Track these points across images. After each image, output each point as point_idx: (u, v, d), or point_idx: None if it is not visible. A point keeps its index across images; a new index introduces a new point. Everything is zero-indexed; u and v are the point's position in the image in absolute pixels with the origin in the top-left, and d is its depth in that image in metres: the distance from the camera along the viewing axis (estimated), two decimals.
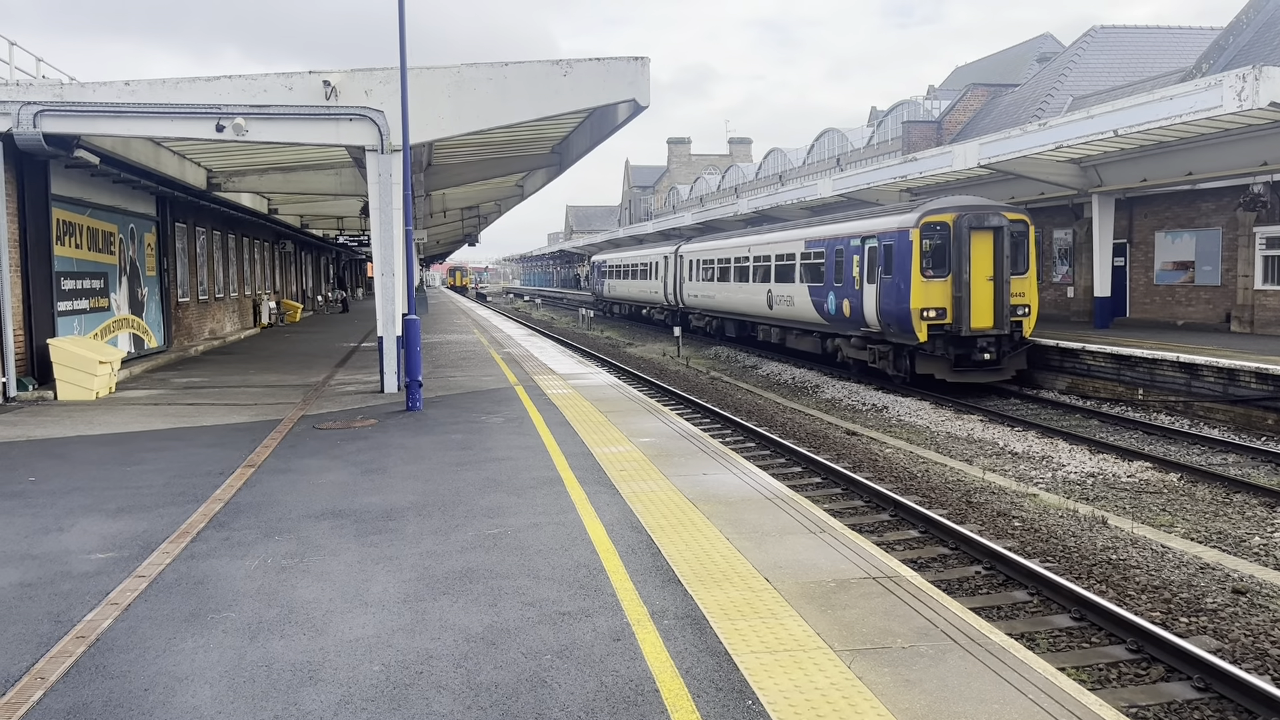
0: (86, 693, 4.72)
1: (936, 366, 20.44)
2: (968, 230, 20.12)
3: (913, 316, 20.29)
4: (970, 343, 20.23)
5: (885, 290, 21.22)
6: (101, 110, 14.21)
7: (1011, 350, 20.58)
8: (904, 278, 20.48)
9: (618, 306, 56.05)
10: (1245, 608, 8.05)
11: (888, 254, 21.16)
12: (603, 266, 59.46)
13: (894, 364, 21.63)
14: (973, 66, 65.47)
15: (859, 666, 4.94)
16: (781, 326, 28.52)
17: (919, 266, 20.28)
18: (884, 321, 21.40)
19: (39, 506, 8.40)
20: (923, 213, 20.45)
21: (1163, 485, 12.63)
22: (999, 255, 20.27)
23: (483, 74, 14.66)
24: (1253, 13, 32.66)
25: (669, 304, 42.22)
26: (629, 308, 52.75)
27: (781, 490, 8.81)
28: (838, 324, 24.03)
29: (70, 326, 16.67)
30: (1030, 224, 20.99)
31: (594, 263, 64.96)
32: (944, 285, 20.32)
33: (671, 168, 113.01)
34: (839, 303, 23.56)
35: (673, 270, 40.77)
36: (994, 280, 20.23)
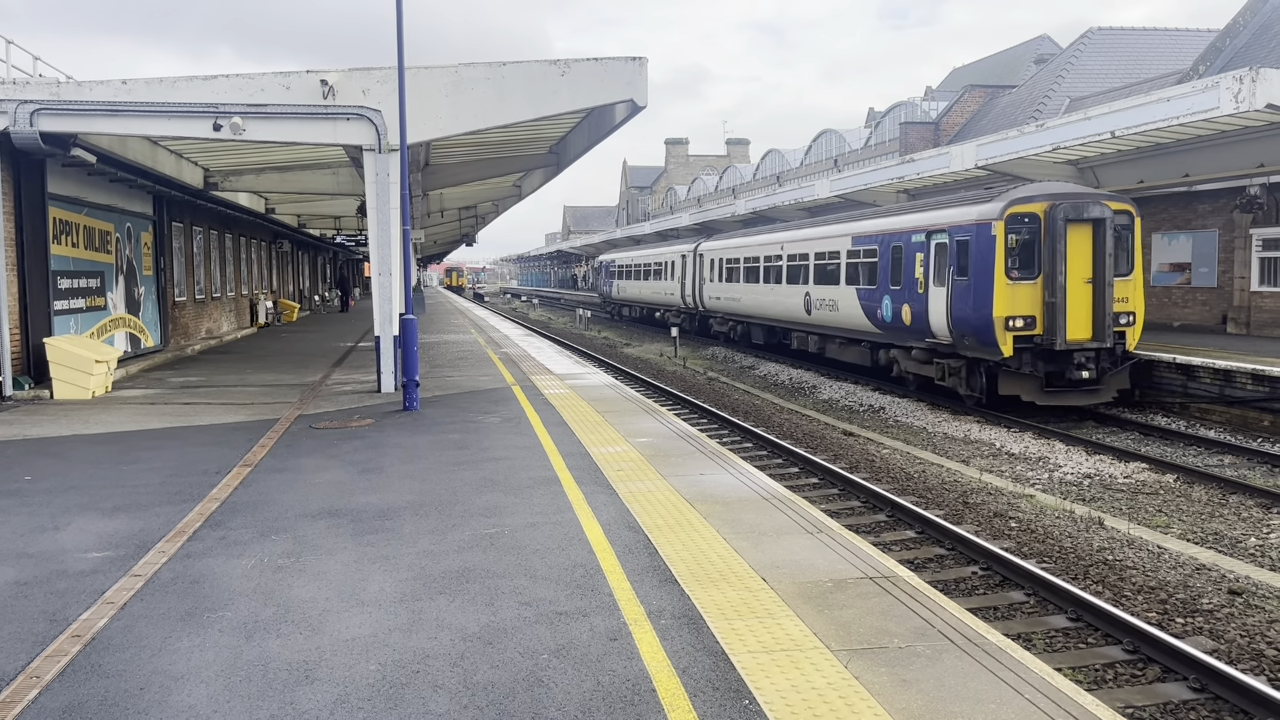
0: (82, 692, 4.71)
1: (1023, 386, 17.32)
2: (1063, 222, 16.97)
3: (995, 326, 17.12)
4: (1065, 358, 17.06)
5: (959, 294, 18.05)
6: (98, 109, 14.18)
7: (1113, 367, 17.48)
8: (984, 280, 17.38)
9: (627, 309, 52.43)
10: (1241, 608, 8.06)
11: (962, 251, 18.01)
12: (611, 267, 55.74)
13: (967, 382, 18.52)
14: (970, 68, 65.54)
15: (856, 666, 4.94)
16: (822, 334, 25.39)
17: (1003, 266, 17.17)
18: (957, 331, 18.14)
19: (35, 505, 8.38)
20: (1008, 202, 17.37)
21: (1159, 486, 12.65)
22: (1099, 252, 17.15)
23: (480, 74, 14.65)
24: (1250, 15, 32.72)
25: (686, 307, 39.16)
26: (640, 310, 49.19)
27: (779, 490, 8.81)
28: (894, 333, 20.84)
29: (66, 325, 16.64)
30: (1136, 214, 17.88)
31: (601, 263, 60.84)
32: (1033, 289, 17.19)
33: (669, 168, 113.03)
34: (897, 308, 20.41)
35: (691, 270, 37.63)
36: (1093, 283, 17.17)
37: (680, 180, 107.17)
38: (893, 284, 20.65)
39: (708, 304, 35.91)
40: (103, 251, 18.64)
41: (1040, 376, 17.24)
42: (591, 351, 32.79)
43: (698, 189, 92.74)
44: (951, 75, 68.12)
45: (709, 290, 35.44)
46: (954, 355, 18.80)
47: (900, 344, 20.88)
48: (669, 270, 41.25)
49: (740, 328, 33.00)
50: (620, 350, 35.45)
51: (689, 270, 37.98)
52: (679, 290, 39.51)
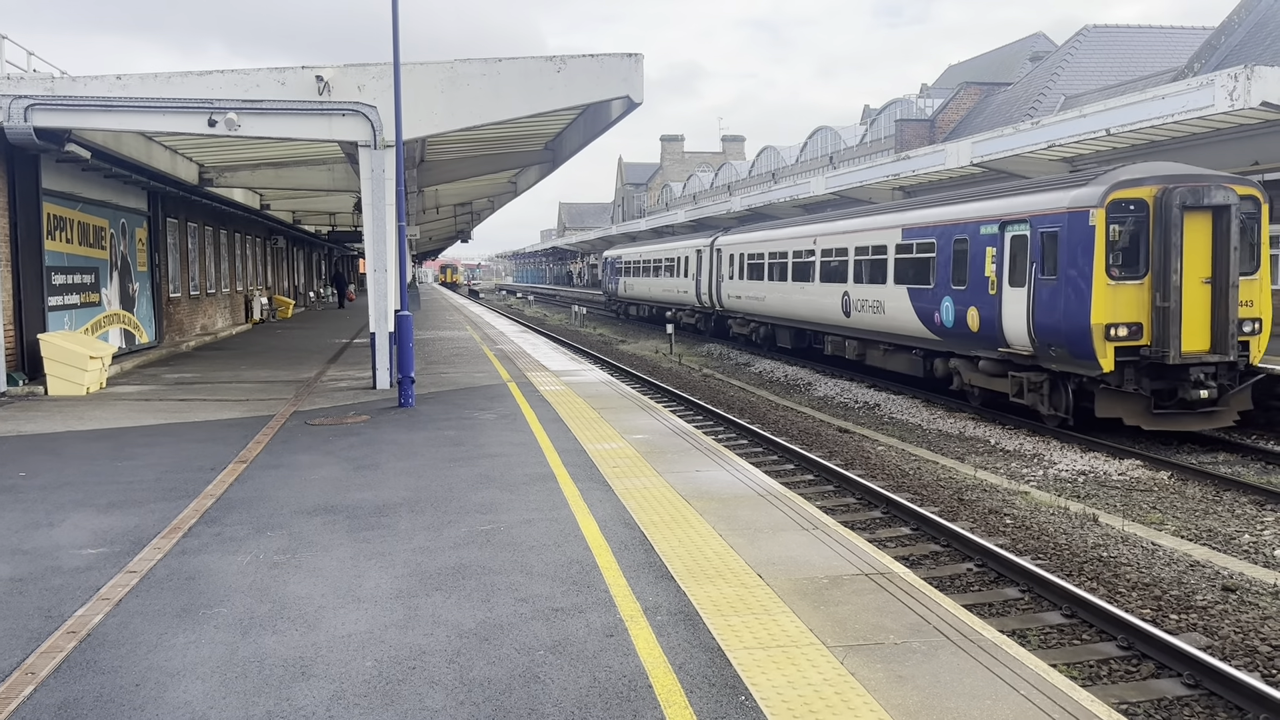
0: (78, 688, 4.71)
1: (1127, 408, 14.58)
2: (1178, 210, 14.11)
3: (1093, 335, 14.33)
4: (1178, 374, 14.28)
5: (1045, 297, 15.21)
6: (93, 104, 14.14)
7: (1234, 384, 14.57)
8: (1079, 279, 14.55)
9: (635, 308, 48.95)
10: (1235, 605, 8.08)
11: (1048, 245, 15.25)
12: (617, 263, 52.11)
13: (1050, 399, 15.76)
14: (965, 65, 65.59)
15: (852, 662, 4.95)
16: (863, 339, 22.46)
17: (1104, 263, 14.37)
18: (1041, 341, 15.32)
19: (30, 501, 8.37)
20: (1110, 185, 14.52)
21: (1153, 483, 12.68)
22: (1221, 247, 14.31)
23: (476, 70, 14.64)
24: (1244, 13, 32.78)
25: (702, 306, 36.07)
26: (649, 310, 45.48)
27: (774, 487, 8.82)
28: (956, 340, 18.08)
29: (61, 321, 16.60)
30: (1264, 199, 15.00)
31: (606, 259, 57.17)
32: (1139, 291, 14.39)
33: (665, 165, 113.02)
34: (960, 311, 17.65)
35: (708, 266, 34.52)
36: (1212, 283, 14.39)
37: (676, 177, 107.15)
38: (955, 283, 17.95)
39: (726, 303, 32.97)
40: (97, 247, 18.59)
41: (1147, 395, 14.45)
42: (587, 348, 32.78)
43: (693, 186, 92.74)
44: (947, 72, 68.17)
45: (728, 288, 32.43)
46: (1035, 368, 15.93)
47: (963, 353, 18.07)
48: (682, 266, 38.25)
49: (764, 330, 30.17)
50: (616, 347, 35.45)
51: (705, 266, 35.05)
52: (693, 288, 36.53)
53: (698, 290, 36.05)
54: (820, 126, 64.55)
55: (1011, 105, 46.52)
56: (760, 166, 74.54)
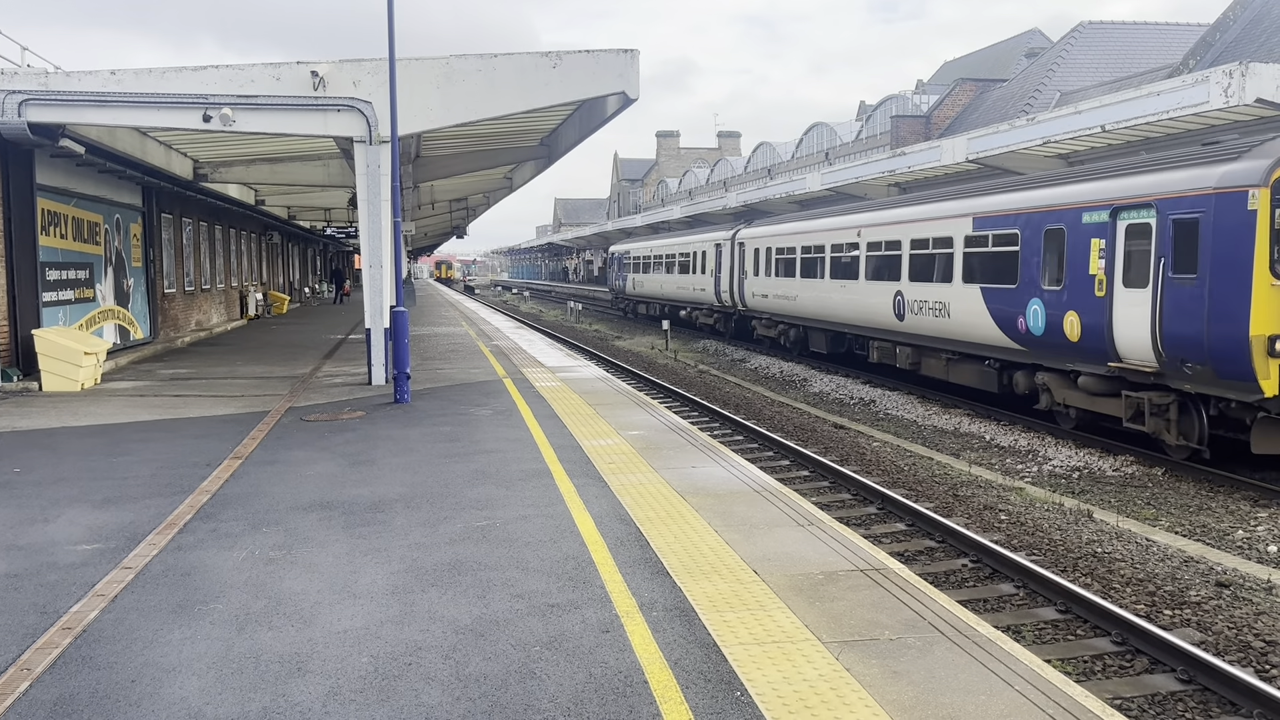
0: (73, 684, 4.70)
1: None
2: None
3: (1251, 349, 11.52)
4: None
5: (1179, 299, 12.39)
6: (87, 99, 14.10)
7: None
8: (1231, 279, 11.75)
9: (645, 306, 45.68)
10: (1228, 601, 8.11)
11: (1183, 235, 12.40)
12: (624, 259, 48.56)
13: (1178, 426, 12.92)
14: (961, 61, 65.61)
15: (847, 658, 4.96)
16: (920, 345, 19.40)
17: (1266, 258, 11.51)
18: (1170, 354, 12.50)
19: (24, 497, 8.35)
20: (1275, 160, 11.63)
21: (1147, 479, 12.71)
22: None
23: (471, 65, 14.62)
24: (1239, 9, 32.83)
25: (721, 305, 33.30)
26: (661, 308, 41.36)
27: (770, 483, 8.84)
28: (1047, 350, 15.24)
29: (55, 317, 16.57)
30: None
31: (613, 254, 52.85)
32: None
33: (660, 161, 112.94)
34: (1054, 317, 14.87)
35: (729, 262, 31.69)
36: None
37: (671, 173, 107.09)
38: (1047, 283, 15.14)
39: (750, 302, 29.98)
40: (91, 243, 18.54)
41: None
42: (582, 344, 32.78)
43: (689, 181, 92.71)
44: (943, 69, 68.18)
45: (752, 286, 29.39)
46: (1159, 387, 13.13)
47: (1056, 365, 15.25)
48: (698, 262, 35.30)
49: (794, 332, 27.22)
50: (611, 343, 35.45)
51: (725, 262, 32.17)
52: (712, 286, 33.67)
53: (717, 288, 33.24)
54: (816, 123, 64.55)
55: (1007, 102, 46.56)
56: (756, 163, 74.53)
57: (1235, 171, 11.97)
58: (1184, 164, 13.03)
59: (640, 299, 46.29)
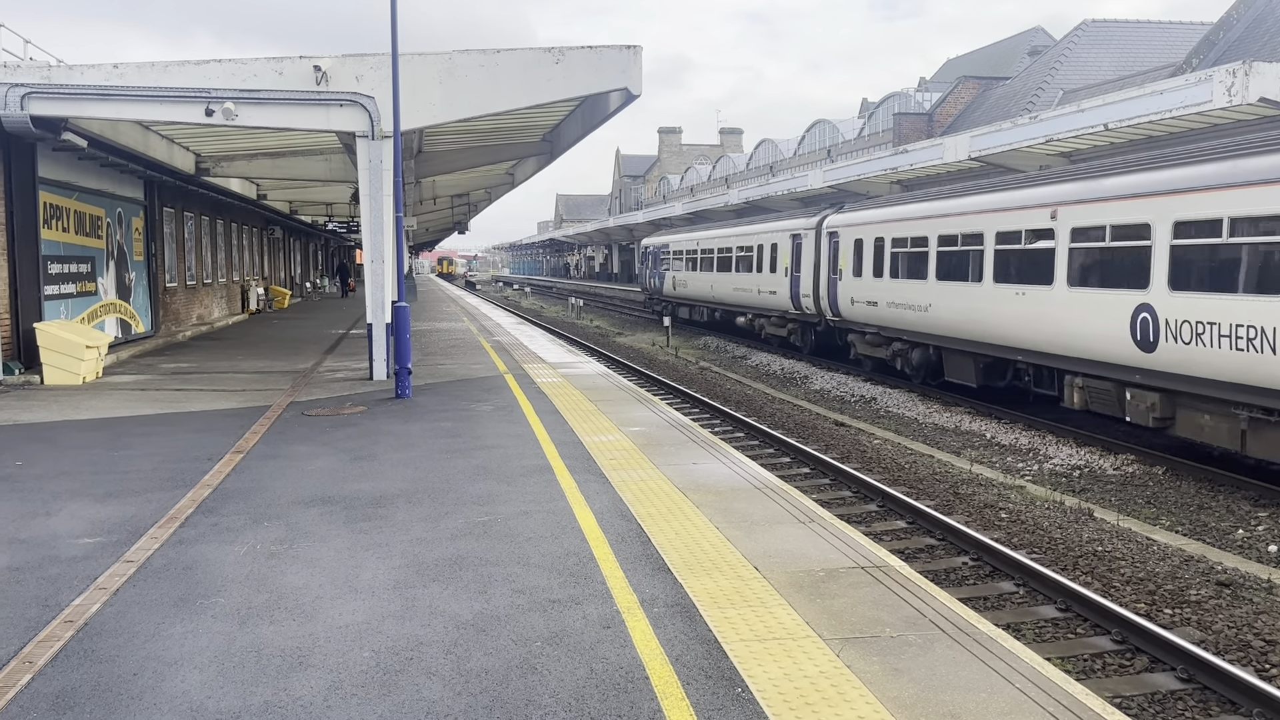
0: (75, 677, 4.71)
1: None
2: None
3: None
4: None
5: None
6: (89, 93, 14.09)
7: None
8: None
9: (689, 310, 37.90)
10: (1229, 600, 8.11)
11: None
12: (662, 253, 41.12)
13: None
14: (964, 59, 65.54)
15: (848, 655, 4.96)
16: (1185, 393, 12.51)
17: None
18: None
19: (26, 491, 8.36)
20: None
21: (1148, 478, 12.71)
22: None
23: (474, 61, 14.61)
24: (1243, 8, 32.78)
25: (801, 313, 26.23)
26: (711, 313, 34.90)
27: (771, 480, 8.84)
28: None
29: (57, 310, 16.57)
30: None
31: (648, 249, 44.67)
32: None
33: (662, 157, 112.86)
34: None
35: (812, 257, 24.96)
36: None
37: (674, 169, 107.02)
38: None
39: (847, 311, 22.78)
40: (93, 236, 18.55)
41: None
42: (584, 340, 32.78)
43: (691, 178, 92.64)
44: (945, 66, 68.11)
45: (851, 289, 22.51)
46: None
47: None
48: (765, 258, 28.56)
49: (918, 354, 19.68)
50: (612, 339, 35.44)
51: (807, 258, 25.42)
52: (786, 288, 26.83)
53: (794, 291, 26.32)
54: (818, 120, 64.49)
55: (1010, 99, 46.51)
56: (758, 159, 74.46)
57: None
58: None
59: (682, 301, 38.52)
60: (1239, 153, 12.08)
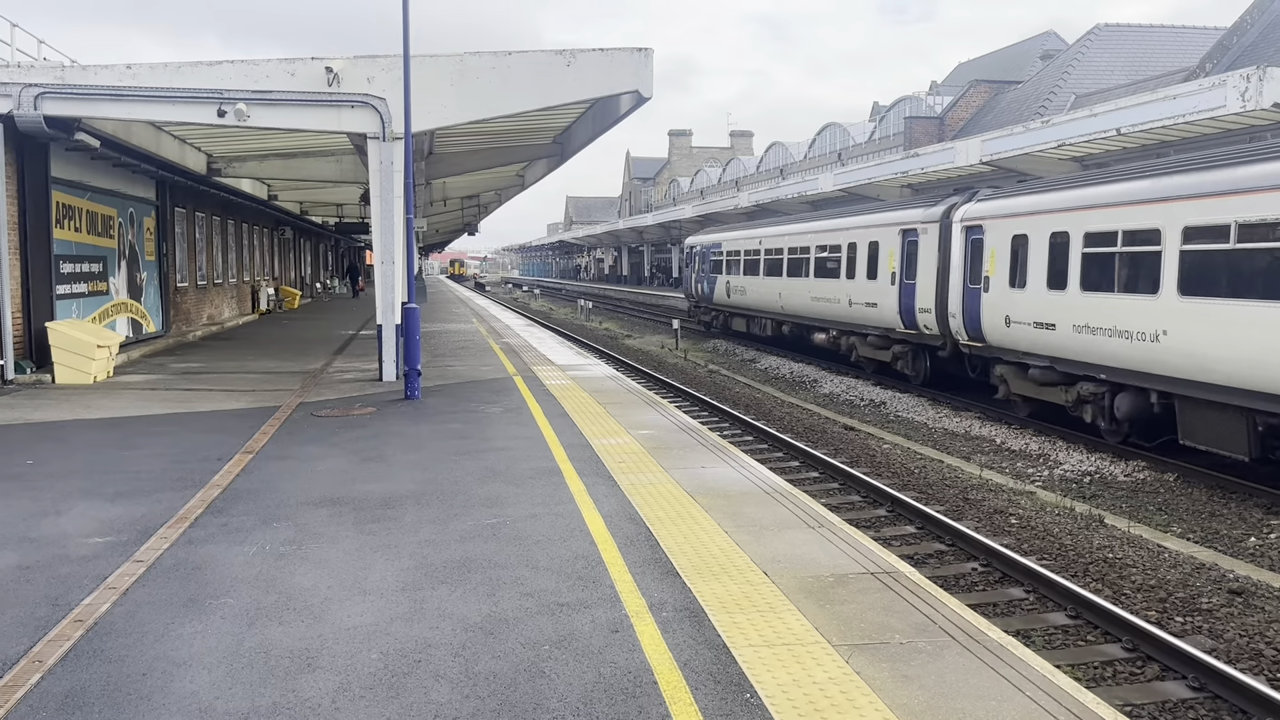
0: (84, 676, 4.72)
1: None
2: None
3: None
4: None
5: None
6: (102, 93, 14.16)
7: None
8: None
9: (746, 321, 32.05)
10: (1240, 608, 8.06)
11: None
12: (713, 253, 34.74)
13: None
14: (976, 63, 65.41)
15: (857, 661, 4.94)
16: None
17: None
18: None
19: (37, 490, 8.39)
20: None
21: (1159, 485, 12.64)
22: None
23: (486, 63, 14.62)
24: (1257, 13, 32.64)
25: (919, 333, 20.07)
26: (776, 326, 29.24)
27: (780, 484, 8.82)
28: None
29: (68, 310, 16.64)
30: None
31: (693, 249, 38.12)
32: None
33: (672, 160, 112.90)
34: None
35: (935, 260, 19.13)
36: None
37: (684, 172, 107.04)
38: None
39: (999, 334, 16.79)
40: (105, 236, 18.62)
41: None
42: (593, 343, 32.78)
43: (701, 181, 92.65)
44: (957, 70, 67.99)
45: (1007, 305, 16.39)
46: None
47: None
48: (857, 260, 22.80)
49: (1136, 402, 13.74)
50: (621, 342, 35.44)
51: (928, 260, 19.53)
52: (893, 299, 20.86)
53: (906, 304, 20.36)
54: (829, 123, 64.43)
55: (1022, 103, 46.40)
56: (769, 162, 74.43)
57: None
58: None
59: (738, 311, 32.48)
60: None
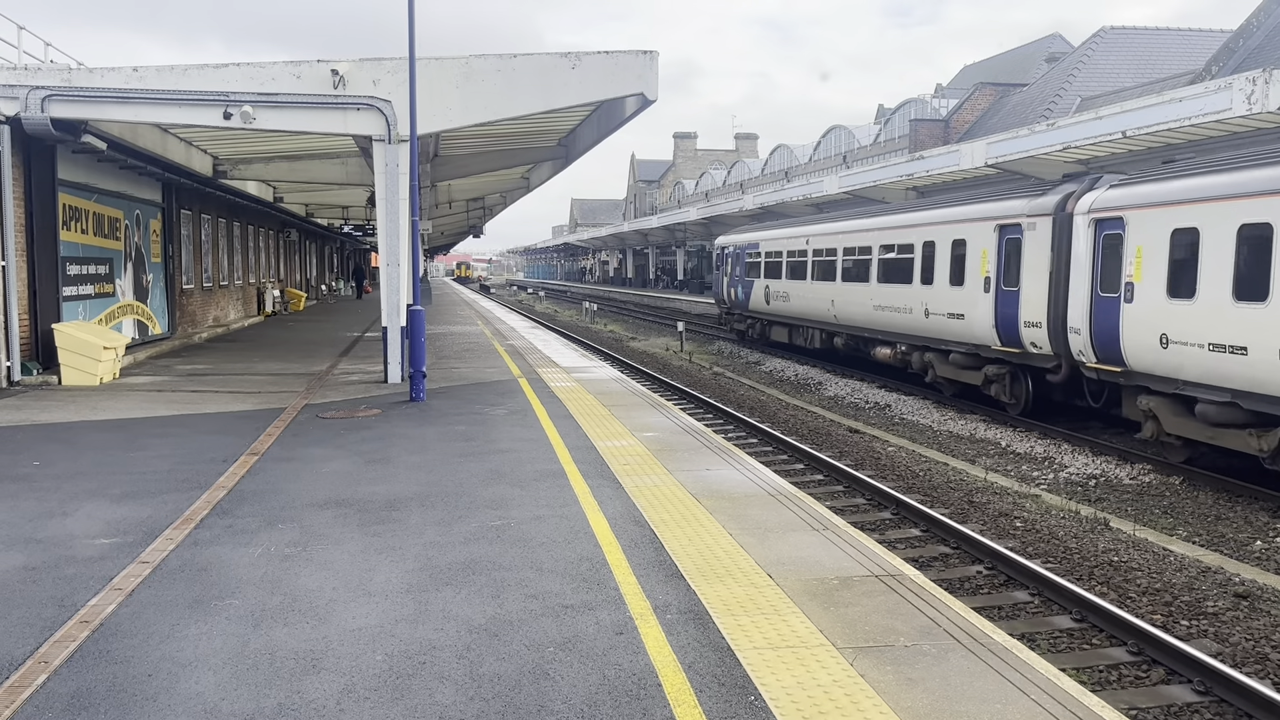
0: (90, 677, 4.73)
1: None
2: None
3: None
4: None
5: None
6: (109, 96, 14.20)
7: None
8: None
9: (789, 331, 28.37)
10: (1246, 612, 8.04)
11: None
12: (749, 253, 31.06)
13: None
14: (981, 65, 65.36)
15: (862, 664, 4.94)
16: None
17: None
18: None
19: (43, 491, 8.41)
20: None
21: (1165, 488, 12.62)
22: None
23: (491, 65, 14.65)
24: (1263, 16, 32.58)
25: (1023, 351, 16.72)
26: (829, 338, 25.55)
27: (784, 487, 8.82)
28: None
29: (75, 312, 16.69)
30: None
31: (726, 250, 34.01)
32: None
33: (677, 162, 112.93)
34: None
35: (1048, 262, 16.06)
36: None
37: (688, 175, 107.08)
38: None
39: (1149, 358, 13.40)
40: (112, 238, 18.67)
41: None
42: (598, 345, 32.79)
43: (705, 183, 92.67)
44: (962, 73, 67.95)
45: (1166, 319, 12.97)
46: None
47: None
48: (936, 261, 19.42)
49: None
50: (626, 344, 35.44)
51: (1038, 262, 16.28)
52: (987, 309, 17.56)
53: (1006, 315, 16.99)
54: (834, 125, 64.41)
55: (1027, 106, 46.35)
56: (773, 165, 74.42)
57: None
58: None
59: (780, 320, 28.74)
60: None
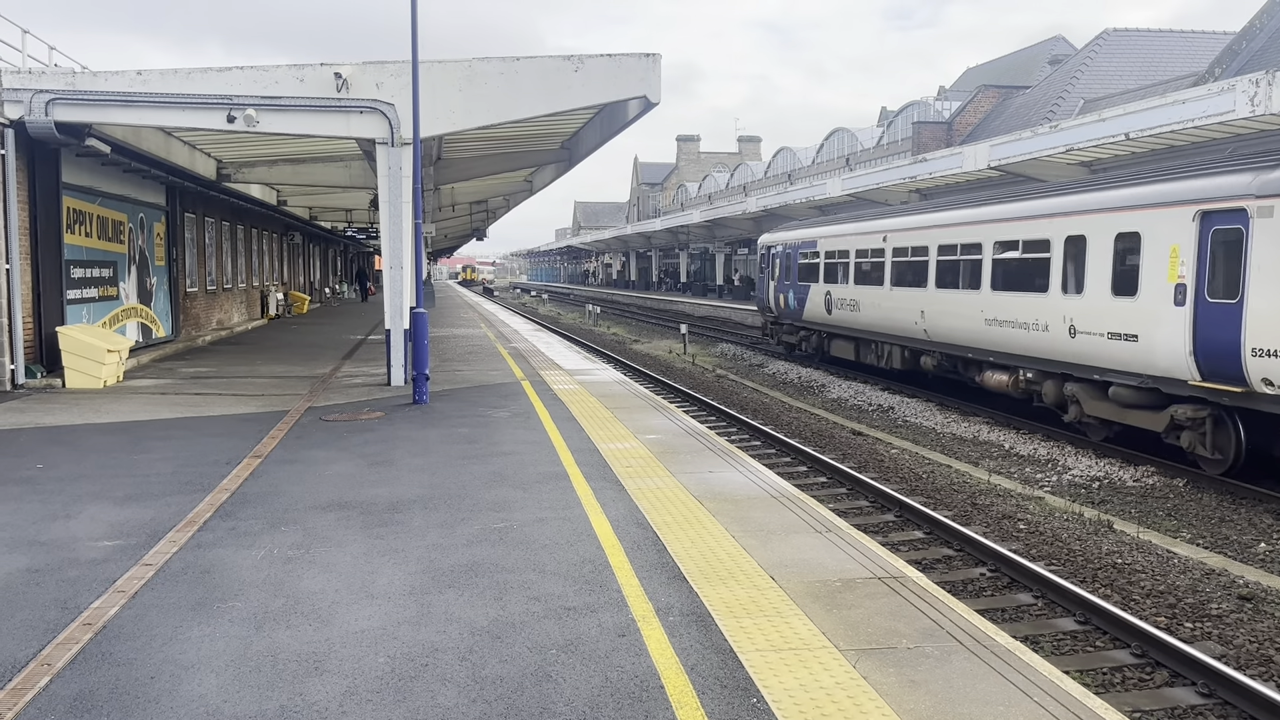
0: (93, 679, 4.74)
1: None
2: None
3: None
4: None
5: None
6: (113, 99, 14.23)
7: None
8: None
9: (857, 347, 23.69)
10: (1250, 614, 8.02)
11: None
12: (803, 254, 26.38)
13: None
14: (984, 68, 65.34)
15: (864, 666, 4.93)
16: None
17: None
18: None
19: (47, 493, 8.42)
20: None
21: (1169, 490, 12.59)
22: None
23: (494, 68, 14.66)
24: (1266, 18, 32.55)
25: (1248, 389, 11.47)
26: (913, 357, 20.87)
27: (787, 489, 8.81)
28: None
29: (79, 315, 16.72)
30: None
31: (773, 249, 29.09)
32: None
33: (680, 165, 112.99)
34: None
35: None
36: None
37: (691, 177, 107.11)
38: None
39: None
40: (115, 241, 18.70)
41: None
42: (601, 347, 32.80)
43: (709, 186, 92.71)
44: (965, 75, 67.92)
45: None
46: None
47: None
48: (1088, 263, 14.47)
49: None
50: (629, 347, 35.45)
51: (1269, 266, 11.19)
52: (1171, 328, 12.63)
53: (1215, 338, 12.00)
54: (837, 128, 64.44)
55: (1030, 108, 46.34)
56: (776, 167, 74.44)
57: None
58: None
59: (847, 333, 24.09)
60: None
